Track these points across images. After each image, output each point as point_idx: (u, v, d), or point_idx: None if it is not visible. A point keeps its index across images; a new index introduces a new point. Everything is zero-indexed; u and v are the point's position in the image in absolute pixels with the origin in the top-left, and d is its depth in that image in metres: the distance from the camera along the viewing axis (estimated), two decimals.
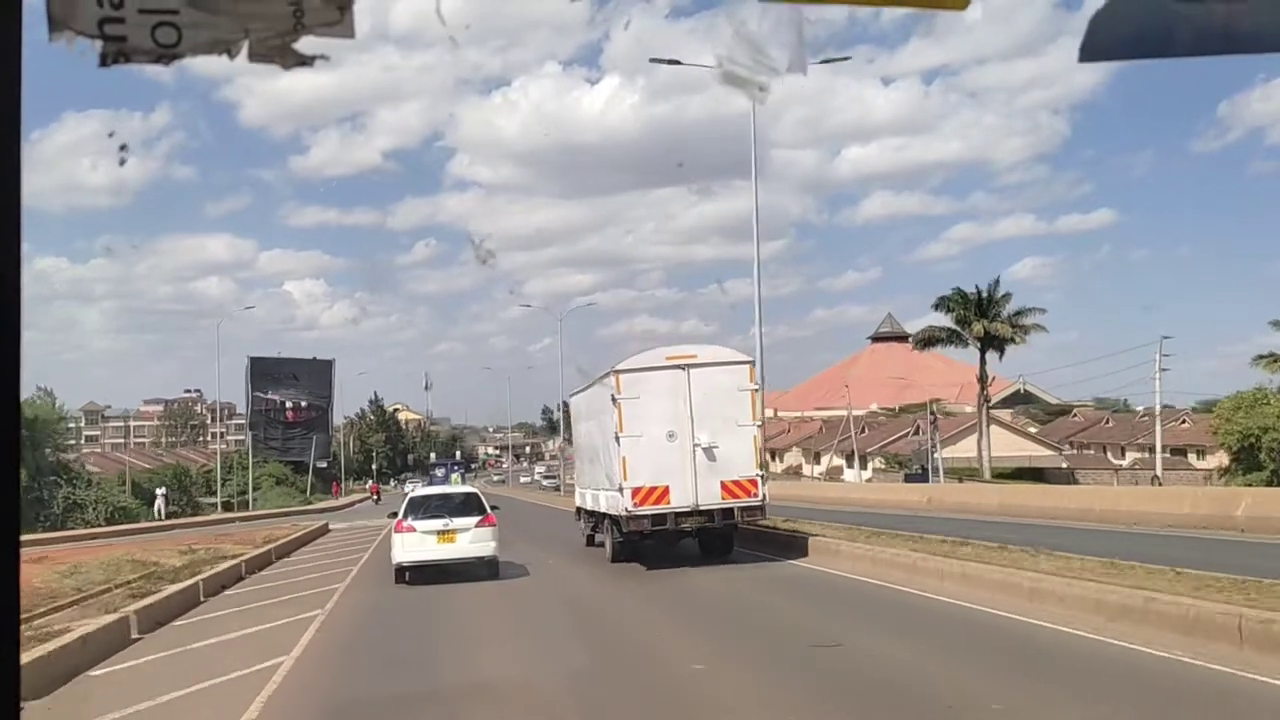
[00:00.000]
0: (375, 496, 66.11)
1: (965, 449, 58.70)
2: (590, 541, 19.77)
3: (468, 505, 15.67)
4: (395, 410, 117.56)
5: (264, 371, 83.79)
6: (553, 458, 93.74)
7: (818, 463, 73.95)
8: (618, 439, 15.61)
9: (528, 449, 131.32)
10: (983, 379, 53.33)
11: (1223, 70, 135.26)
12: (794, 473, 76.21)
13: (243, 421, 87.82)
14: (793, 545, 17.34)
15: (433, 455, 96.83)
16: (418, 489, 22.29)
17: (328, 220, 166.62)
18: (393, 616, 12.98)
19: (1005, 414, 57.70)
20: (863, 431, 72.60)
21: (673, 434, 15.42)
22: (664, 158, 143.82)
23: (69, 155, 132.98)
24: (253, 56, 1.01)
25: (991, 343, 52.49)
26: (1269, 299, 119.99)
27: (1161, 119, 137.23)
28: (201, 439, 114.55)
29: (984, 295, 52.85)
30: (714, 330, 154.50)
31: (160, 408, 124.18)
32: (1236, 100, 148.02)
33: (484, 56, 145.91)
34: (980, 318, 51.97)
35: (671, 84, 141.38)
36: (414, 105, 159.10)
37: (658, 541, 16.63)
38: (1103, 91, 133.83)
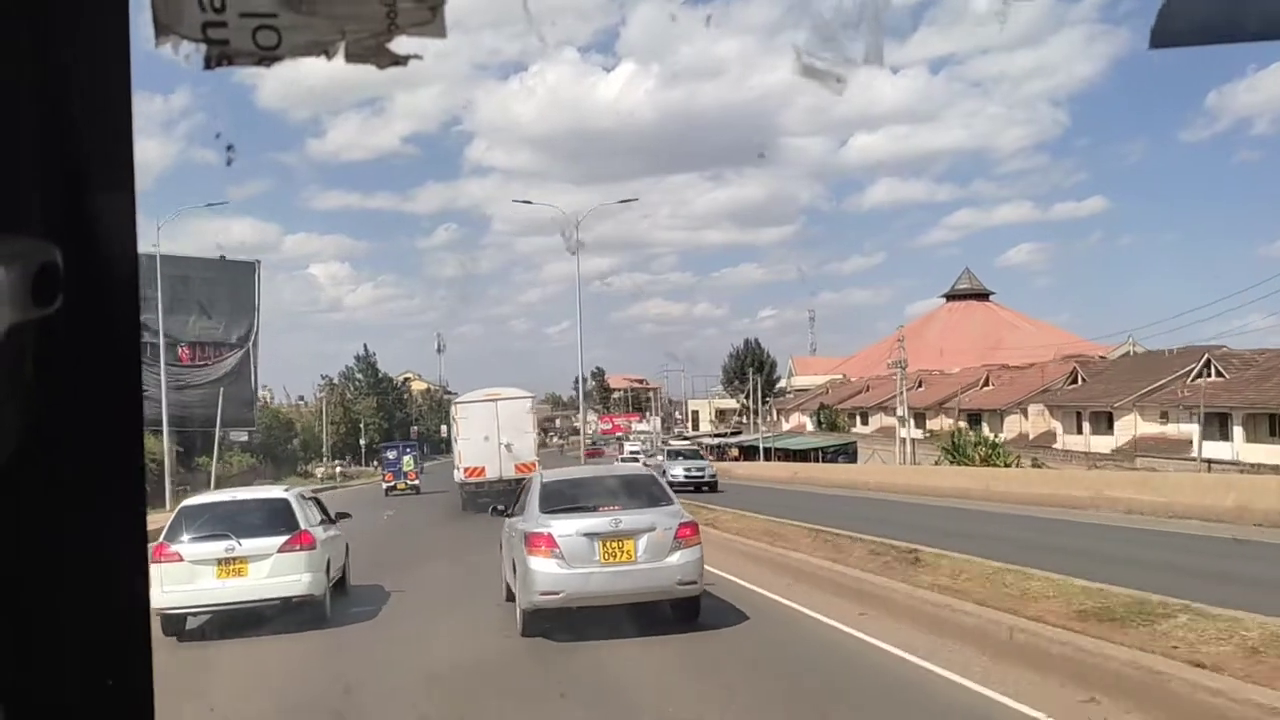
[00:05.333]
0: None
1: None
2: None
3: (270, 518, 10.58)
4: (406, 379, 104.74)
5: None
6: (574, 431, 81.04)
7: (1107, 430, 47.01)
8: (456, 440, 27.42)
9: (556, 422, 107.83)
10: None
11: (1213, 61, 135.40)
12: (1042, 446, 47.22)
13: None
14: None
15: (443, 428, 69.96)
16: (200, 495, 13.57)
17: (350, 204, 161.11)
18: None
19: None
20: (1074, 381, 52.01)
21: (488, 438, 27.09)
22: (678, 144, 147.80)
23: None
24: (349, 57, 1.04)
25: None
26: (1250, 280, 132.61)
27: (1154, 109, 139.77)
28: None
29: None
30: (724, 312, 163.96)
31: None
32: (1225, 91, 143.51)
33: (501, 42, 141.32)
34: None
35: (685, 71, 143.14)
36: (432, 90, 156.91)
37: (489, 497, 28.54)
38: (1100, 82, 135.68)
